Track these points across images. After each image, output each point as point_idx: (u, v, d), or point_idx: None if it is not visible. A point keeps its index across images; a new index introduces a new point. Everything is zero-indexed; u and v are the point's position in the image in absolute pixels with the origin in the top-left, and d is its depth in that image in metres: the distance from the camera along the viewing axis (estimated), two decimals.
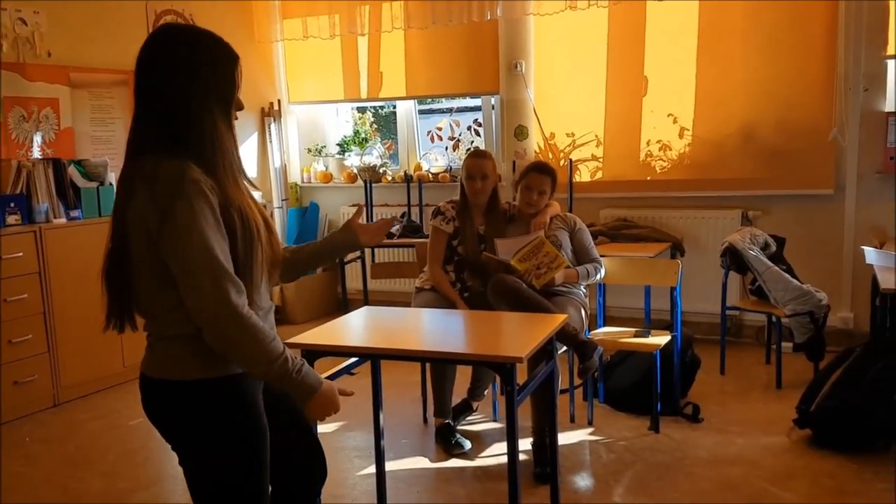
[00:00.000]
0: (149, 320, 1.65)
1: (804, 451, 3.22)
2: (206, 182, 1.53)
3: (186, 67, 1.58)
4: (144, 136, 1.59)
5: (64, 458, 3.46)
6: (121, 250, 1.61)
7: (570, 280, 3.39)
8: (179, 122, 1.57)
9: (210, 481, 1.66)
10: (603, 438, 3.45)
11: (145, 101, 1.60)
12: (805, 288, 3.91)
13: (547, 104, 5.23)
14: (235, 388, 1.64)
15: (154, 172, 1.52)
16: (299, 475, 1.92)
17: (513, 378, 2.22)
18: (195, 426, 1.63)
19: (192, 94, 1.57)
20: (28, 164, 4.10)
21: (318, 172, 6.10)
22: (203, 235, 1.49)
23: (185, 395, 1.61)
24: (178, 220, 1.48)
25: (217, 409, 1.63)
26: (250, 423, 1.66)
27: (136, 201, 1.54)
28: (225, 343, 1.55)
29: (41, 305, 3.98)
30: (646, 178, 5.00)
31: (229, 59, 1.65)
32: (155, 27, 1.63)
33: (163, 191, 1.50)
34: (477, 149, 3.64)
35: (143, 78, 1.60)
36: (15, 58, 4.22)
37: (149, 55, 1.60)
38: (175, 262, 1.51)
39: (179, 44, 1.60)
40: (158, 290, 1.58)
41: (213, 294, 1.50)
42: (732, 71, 4.70)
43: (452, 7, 5.22)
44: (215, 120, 1.60)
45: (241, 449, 1.65)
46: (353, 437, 3.54)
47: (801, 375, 3.84)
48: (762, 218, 4.68)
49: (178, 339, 1.60)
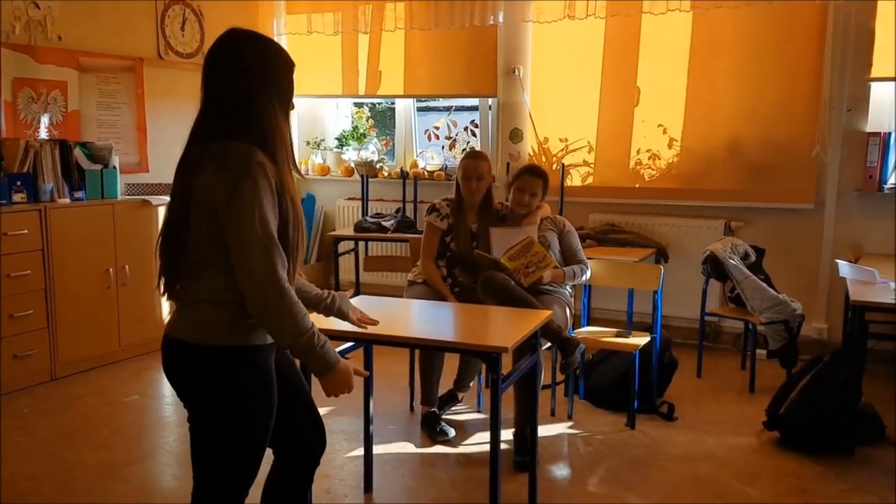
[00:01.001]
0: (192, 283, 1.79)
1: (771, 451, 3.38)
2: (268, 165, 1.72)
3: (258, 69, 1.78)
4: (214, 124, 1.77)
5: (60, 430, 3.57)
6: (179, 221, 1.78)
7: (557, 280, 3.54)
8: (249, 114, 1.76)
9: (217, 442, 1.81)
10: (581, 432, 3.60)
11: (216, 93, 1.79)
12: (781, 298, 4.07)
13: (542, 109, 5.38)
14: (256, 358, 1.81)
15: (225, 153, 1.71)
16: (302, 445, 2.07)
17: (498, 367, 2.36)
18: (215, 389, 1.78)
19: (261, 92, 1.77)
20: (35, 144, 4.21)
21: (316, 165, 6.22)
22: (263, 210, 1.68)
23: (210, 359, 1.77)
24: (244, 196, 1.67)
25: (238, 375, 1.78)
26: (264, 392, 1.83)
27: (203, 177, 1.72)
28: (264, 309, 1.71)
29: (43, 282, 4.09)
30: (634, 186, 5.16)
31: (290, 66, 1.86)
32: (224, 32, 1.83)
33: (233, 169, 1.69)
34: (474, 150, 3.77)
35: (214, 72, 1.79)
36: (27, 40, 4.33)
37: (222, 54, 1.80)
38: (234, 232, 1.68)
39: (253, 48, 1.81)
40: (212, 255, 1.74)
41: (263, 263, 1.67)
42: (722, 86, 4.86)
43: (455, 10, 5.35)
44: (277, 116, 1.80)
45: (252, 416, 1.81)
46: (343, 420, 3.68)
47: (774, 381, 3.98)
48: (744, 229, 4.84)
49: (214, 304, 1.76)
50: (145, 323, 4.60)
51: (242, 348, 1.78)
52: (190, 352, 1.78)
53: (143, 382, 4.22)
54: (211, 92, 1.80)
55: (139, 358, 4.56)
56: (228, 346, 1.77)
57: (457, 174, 3.70)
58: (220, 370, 1.77)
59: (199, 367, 1.78)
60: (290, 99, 1.86)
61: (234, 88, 1.77)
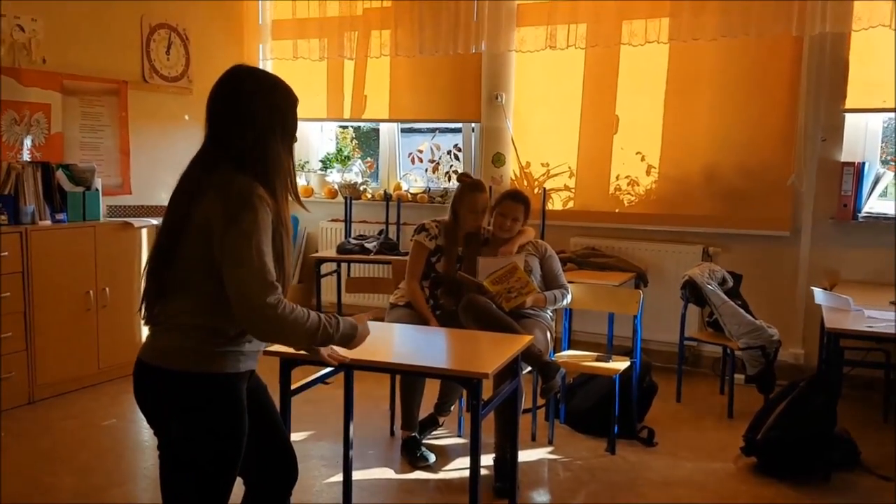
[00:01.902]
0: (169, 308, 1.81)
1: (748, 477, 3.41)
2: (267, 199, 1.79)
3: (265, 107, 1.86)
4: (219, 155, 1.84)
5: (37, 454, 3.53)
6: (171, 244, 1.82)
7: (539, 304, 3.57)
8: (254, 148, 1.83)
9: (187, 469, 1.82)
10: (561, 457, 3.61)
11: (222, 127, 1.86)
12: (758, 323, 4.12)
13: (524, 134, 5.45)
14: (227, 386, 1.83)
15: (228, 184, 1.77)
16: (272, 475, 2.06)
17: (479, 393, 2.38)
18: (184, 415, 1.80)
19: (266, 129, 1.85)
20: (17, 166, 4.20)
21: (300, 187, 6.22)
22: (259, 241, 1.74)
23: (180, 385, 1.79)
24: (243, 226, 1.73)
25: (208, 402, 1.81)
26: (234, 420, 1.84)
27: (205, 203, 1.77)
28: (266, 332, 1.80)
29: (22, 304, 4.06)
30: (614, 210, 5.22)
31: (294, 102, 1.94)
32: (232, 68, 1.91)
33: (235, 199, 1.75)
34: (475, 182, 3.69)
35: (220, 107, 1.86)
36: (11, 63, 4.33)
37: (229, 90, 1.87)
38: (231, 259, 1.73)
39: (259, 86, 1.88)
40: (194, 280, 1.79)
41: (259, 289, 1.72)
42: (699, 115, 4.95)
43: (440, 39, 5.42)
44: (280, 150, 1.87)
45: (221, 443, 1.82)
46: (322, 446, 3.67)
47: (752, 406, 4.02)
48: (721, 254, 4.91)
49: (189, 329, 1.79)
50: (125, 346, 4.56)
51: (214, 375, 1.81)
52: (160, 377, 1.80)
53: (122, 406, 4.19)
54: (216, 125, 1.86)
55: (118, 381, 4.52)
56: (199, 372, 1.79)
57: (456, 201, 3.68)
58: (189, 396, 1.79)
59: (168, 392, 1.80)
60: (294, 133, 1.94)
61: (241, 124, 1.83)
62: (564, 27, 5.09)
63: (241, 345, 1.85)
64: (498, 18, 5.30)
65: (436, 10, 5.41)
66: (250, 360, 1.91)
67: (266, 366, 4.72)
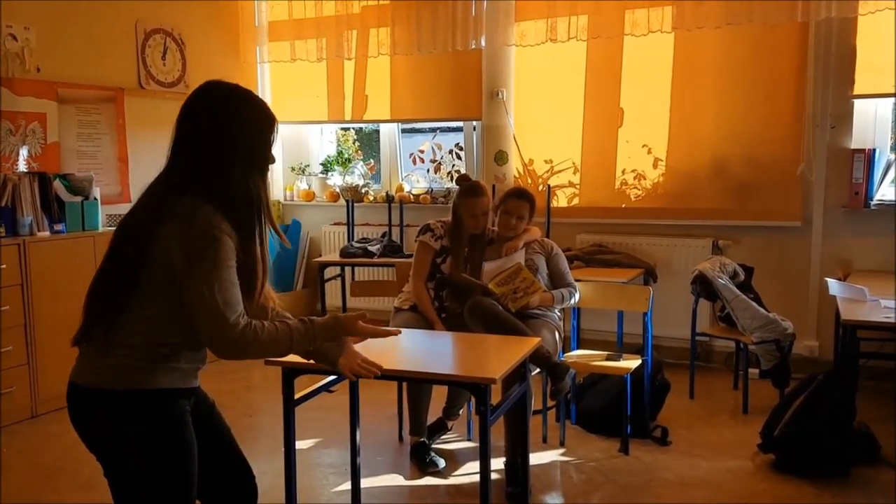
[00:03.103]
0: (109, 329, 1.73)
1: (767, 475, 3.33)
2: (230, 233, 1.71)
3: (234, 129, 1.75)
4: (183, 178, 1.75)
5: (40, 470, 3.48)
6: (122, 269, 1.74)
7: (546, 304, 3.49)
8: (219, 175, 1.73)
9: (131, 493, 1.74)
10: (574, 459, 3.54)
11: (188, 149, 1.76)
12: (771, 316, 4.04)
13: (526, 131, 5.37)
14: (163, 402, 1.75)
15: (191, 216, 1.68)
16: (229, 493, 1.98)
17: (487, 399, 2.31)
18: (119, 436, 1.72)
19: (234, 154, 1.75)
20: (14, 177, 4.15)
21: (301, 191, 6.18)
22: (220, 277, 1.67)
23: (113, 405, 1.71)
24: (204, 265, 1.66)
25: (141, 420, 1.72)
26: (174, 436, 1.75)
27: (166, 231, 1.68)
28: (237, 358, 1.75)
29: (22, 317, 4.01)
30: (621, 206, 5.14)
31: (269, 123, 1.81)
32: (203, 84, 1.83)
33: (195, 236, 1.67)
34: (473, 186, 3.59)
35: (188, 126, 1.77)
36: (4, 72, 4.27)
37: (197, 109, 1.77)
38: (193, 295, 1.67)
39: (230, 106, 1.77)
40: (144, 304, 1.71)
41: (219, 327, 1.68)
42: (705, 106, 4.87)
43: (437, 36, 5.35)
44: (249, 176, 1.77)
45: (162, 461, 1.73)
46: (329, 453, 3.60)
47: (767, 401, 3.95)
48: (732, 247, 4.82)
49: (127, 347, 1.71)
50: None
51: (146, 392, 1.73)
52: (92, 397, 1.73)
53: None
54: (182, 146, 1.77)
55: None
56: (131, 389, 1.71)
57: (456, 205, 3.61)
58: (124, 415, 1.71)
59: (102, 413, 1.73)
60: (268, 156, 1.82)
61: (207, 147, 1.74)
62: (565, 19, 5.00)
63: (177, 361, 1.77)
64: (496, 13, 5.22)
65: (434, 6, 5.34)
66: (189, 377, 1.82)
67: (268, 374, 4.69)
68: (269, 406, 4.27)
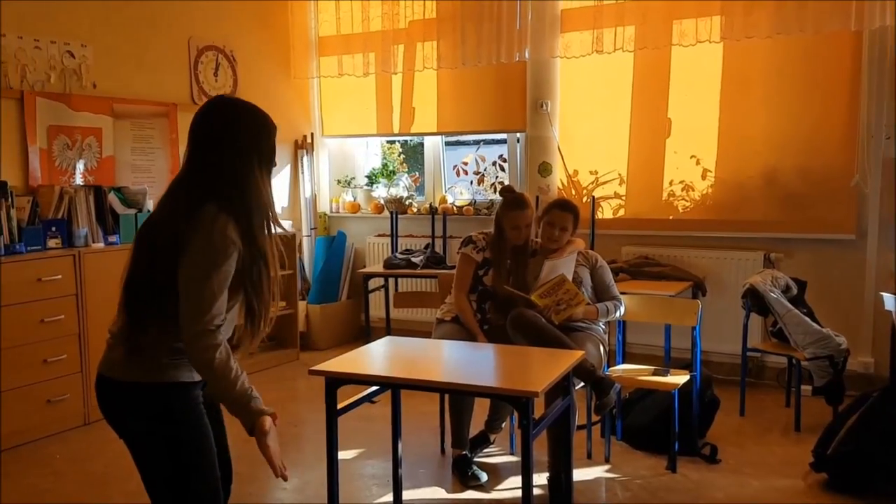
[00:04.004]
0: (134, 326, 1.87)
1: (819, 494, 3.23)
2: (235, 237, 1.83)
3: (241, 136, 1.90)
4: (195, 182, 1.89)
5: (91, 477, 3.56)
6: (144, 266, 1.89)
7: (590, 317, 3.46)
8: (229, 180, 1.87)
9: (158, 475, 1.90)
10: (619, 476, 3.48)
11: (200, 157, 1.90)
12: (825, 332, 3.93)
13: (571, 142, 5.34)
14: (183, 394, 1.91)
15: (199, 219, 1.81)
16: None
17: (529, 412, 2.29)
18: (144, 423, 1.87)
19: (242, 159, 1.89)
20: (70, 190, 4.28)
21: (347, 203, 6.24)
22: (216, 275, 1.80)
23: (137, 396, 1.87)
24: (201, 259, 1.80)
25: (166, 411, 1.88)
26: (195, 423, 1.91)
27: (183, 236, 1.81)
28: (196, 360, 1.82)
29: (76, 327, 4.12)
30: (668, 217, 5.06)
31: (270, 131, 1.96)
32: (212, 98, 1.99)
33: (199, 231, 1.80)
34: (517, 198, 3.55)
35: (199, 137, 1.92)
36: (62, 89, 4.43)
37: (208, 120, 1.92)
38: (183, 288, 1.80)
39: (236, 112, 1.92)
40: (155, 300, 1.85)
41: (197, 322, 1.79)
42: (756, 116, 4.77)
43: (482, 50, 5.37)
44: (256, 180, 1.90)
45: (189, 448, 1.89)
46: (372, 464, 3.61)
47: (820, 419, 3.83)
48: (784, 260, 4.70)
49: (153, 345, 1.86)
50: None
51: (168, 385, 1.87)
52: (117, 388, 1.88)
53: None
54: (194, 154, 1.91)
55: None
56: (152, 382, 1.86)
57: (499, 217, 3.60)
58: (145, 406, 1.86)
59: (128, 402, 1.88)
60: (272, 160, 1.96)
61: (217, 154, 1.88)
62: (611, 30, 4.96)
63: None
64: (542, 25, 5.21)
65: (479, 20, 5.35)
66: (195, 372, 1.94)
67: (313, 384, 4.73)
68: (312, 416, 4.31)
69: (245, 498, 3.22)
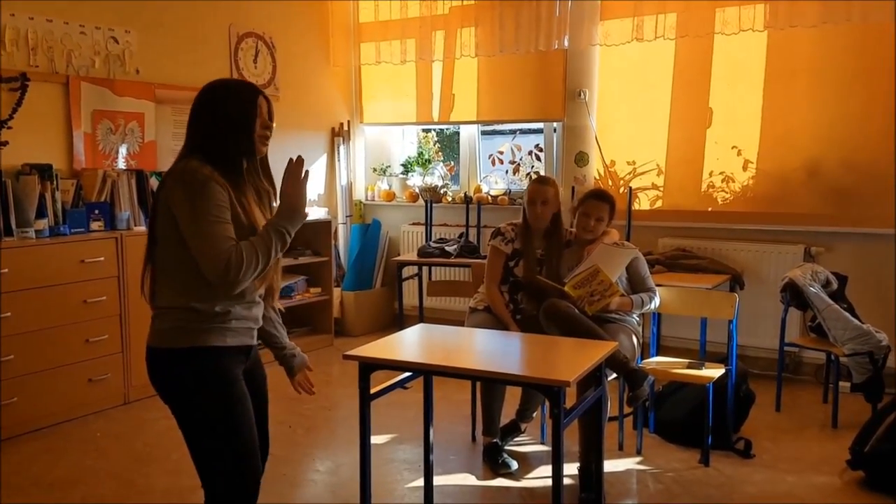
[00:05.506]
0: (157, 292, 2.02)
1: (856, 492, 3.18)
2: (220, 181, 1.94)
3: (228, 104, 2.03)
4: (188, 147, 2.04)
5: (132, 455, 3.65)
6: (151, 233, 2.03)
7: (625, 308, 3.43)
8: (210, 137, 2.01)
9: (200, 437, 2.00)
10: (651, 468, 3.46)
11: (191, 127, 2.06)
12: (865, 328, 3.85)
13: (609, 132, 5.29)
14: (214, 358, 1.99)
15: (182, 169, 1.95)
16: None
17: (560, 401, 2.29)
18: (183, 388, 1.98)
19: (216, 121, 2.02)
20: (113, 174, 4.37)
21: (382, 191, 6.27)
22: (211, 213, 1.90)
23: (170, 362, 1.98)
24: (197, 204, 1.90)
25: (199, 373, 1.97)
26: (226, 387, 1.99)
27: (165, 192, 1.96)
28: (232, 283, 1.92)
29: (118, 308, 4.22)
30: (707, 209, 4.99)
31: (245, 95, 2.05)
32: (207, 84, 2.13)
33: (186, 183, 1.92)
34: (541, 176, 3.70)
35: (192, 112, 2.08)
36: (106, 74, 4.51)
37: (199, 101, 2.08)
38: (190, 234, 1.91)
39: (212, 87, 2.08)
40: (169, 264, 1.98)
41: (214, 258, 1.89)
42: (799, 107, 4.67)
43: (521, 37, 5.34)
44: (235, 135, 2.01)
45: (220, 408, 1.98)
46: (404, 449, 3.64)
47: (858, 416, 3.76)
48: (825, 254, 4.61)
49: (170, 310, 1.98)
50: None
51: (198, 350, 1.96)
52: (157, 356, 2.00)
53: None
54: (189, 128, 2.06)
55: None
56: (184, 347, 1.96)
57: (523, 199, 3.65)
58: (177, 371, 1.97)
59: (165, 369, 1.99)
60: (250, 122, 2.02)
61: (199, 118, 2.04)
62: (652, 18, 4.89)
63: (227, 322, 1.99)
64: (581, 12, 5.16)
65: (517, 6, 5.32)
66: (241, 335, 2.04)
67: (347, 369, 4.78)
68: (346, 401, 4.36)
69: (279, 479, 3.28)
